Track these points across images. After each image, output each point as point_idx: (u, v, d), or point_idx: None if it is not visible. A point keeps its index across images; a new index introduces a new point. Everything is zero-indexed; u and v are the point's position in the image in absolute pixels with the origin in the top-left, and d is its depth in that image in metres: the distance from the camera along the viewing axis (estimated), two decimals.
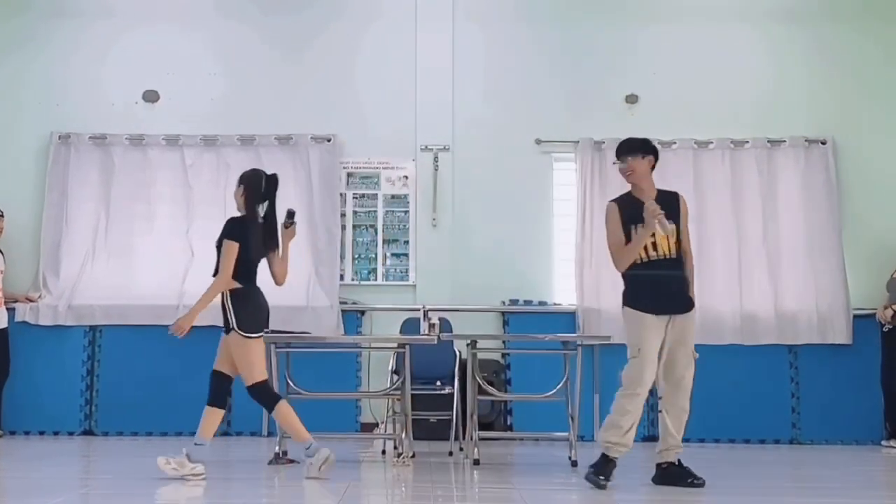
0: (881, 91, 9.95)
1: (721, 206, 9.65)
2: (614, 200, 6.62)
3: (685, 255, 6.46)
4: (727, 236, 9.58)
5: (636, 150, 6.55)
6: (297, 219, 7.02)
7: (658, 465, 6.36)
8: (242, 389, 9.12)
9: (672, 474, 6.28)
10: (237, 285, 6.47)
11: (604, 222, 6.65)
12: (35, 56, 9.96)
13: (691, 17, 10.07)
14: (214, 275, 6.51)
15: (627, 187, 9.19)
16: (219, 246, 6.55)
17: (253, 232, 6.58)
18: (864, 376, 9.27)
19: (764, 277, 9.54)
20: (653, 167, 6.58)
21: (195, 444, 6.41)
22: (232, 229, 6.56)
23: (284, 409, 6.50)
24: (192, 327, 6.46)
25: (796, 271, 9.57)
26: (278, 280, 6.85)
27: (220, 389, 6.57)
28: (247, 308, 6.47)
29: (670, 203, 6.44)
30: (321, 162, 9.75)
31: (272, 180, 6.81)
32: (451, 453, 7.88)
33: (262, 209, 6.74)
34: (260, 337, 6.53)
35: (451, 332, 8.87)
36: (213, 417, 6.50)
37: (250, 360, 6.46)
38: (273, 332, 8.93)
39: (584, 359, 7.56)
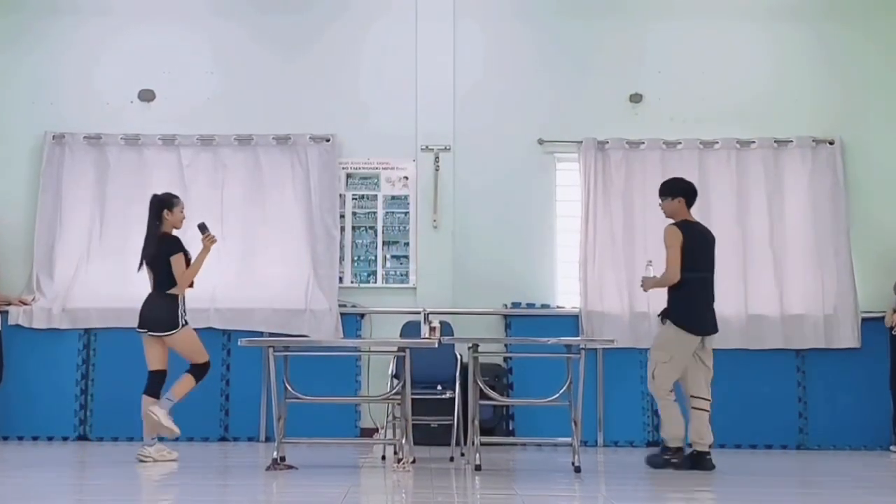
0: (890, 90, 9.82)
1: (727, 207, 9.54)
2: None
3: None
4: (733, 238, 9.45)
5: (669, 192, 7.72)
6: (292, 220, 7.15)
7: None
8: (240, 394, 9.13)
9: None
10: None
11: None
12: (29, 54, 9.85)
13: (697, 14, 9.96)
14: None
15: (627, 186, 9.41)
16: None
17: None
18: (872, 381, 9.16)
19: (770, 280, 9.42)
20: (689, 204, 7.71)
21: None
22: None
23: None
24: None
25: (803, 274, 9.46)
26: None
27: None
28: None
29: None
30: (320, 162, 9.64)
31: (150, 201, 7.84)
32: (452, 459, 7.78)
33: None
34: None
35: (452, 335, 8.75)
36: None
37: None
38: (271, 335, 8.91)
39: (588, 363, 7.47)
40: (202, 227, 7.72)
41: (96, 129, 9.67)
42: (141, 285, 9.31)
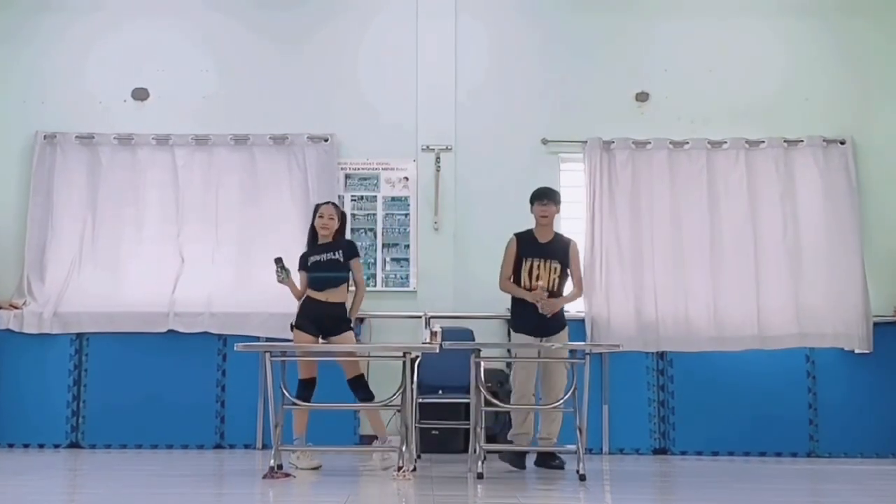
0: None
1: (736, 208, 9.41)
2: (516, 234, 7.91)
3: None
4: (742, 240, 9.33)
5: (558, 201, 7.88)
6: (290, 222, 7.23)
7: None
8: (236, 401, 8.95)
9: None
10: None
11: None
12: (19, 52, 9.73)
13: (704, 11, 9.86)
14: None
15: (634, 186, 9.50)
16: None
17: None
18: (884, 386, 9.01)
19: (780, 283, 9.27)
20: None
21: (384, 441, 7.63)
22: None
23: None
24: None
25: (814, 276, 9.30)
26: None
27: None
28: None
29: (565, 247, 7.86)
30: (318, 162, 9.51)
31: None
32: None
33: None
34: None
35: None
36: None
37: None
38: (268, 340, 8.73)
39: (593, 368, 7.34)
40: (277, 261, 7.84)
41: (88, 129, 9.55)
42: (132, 290, 9.21)
